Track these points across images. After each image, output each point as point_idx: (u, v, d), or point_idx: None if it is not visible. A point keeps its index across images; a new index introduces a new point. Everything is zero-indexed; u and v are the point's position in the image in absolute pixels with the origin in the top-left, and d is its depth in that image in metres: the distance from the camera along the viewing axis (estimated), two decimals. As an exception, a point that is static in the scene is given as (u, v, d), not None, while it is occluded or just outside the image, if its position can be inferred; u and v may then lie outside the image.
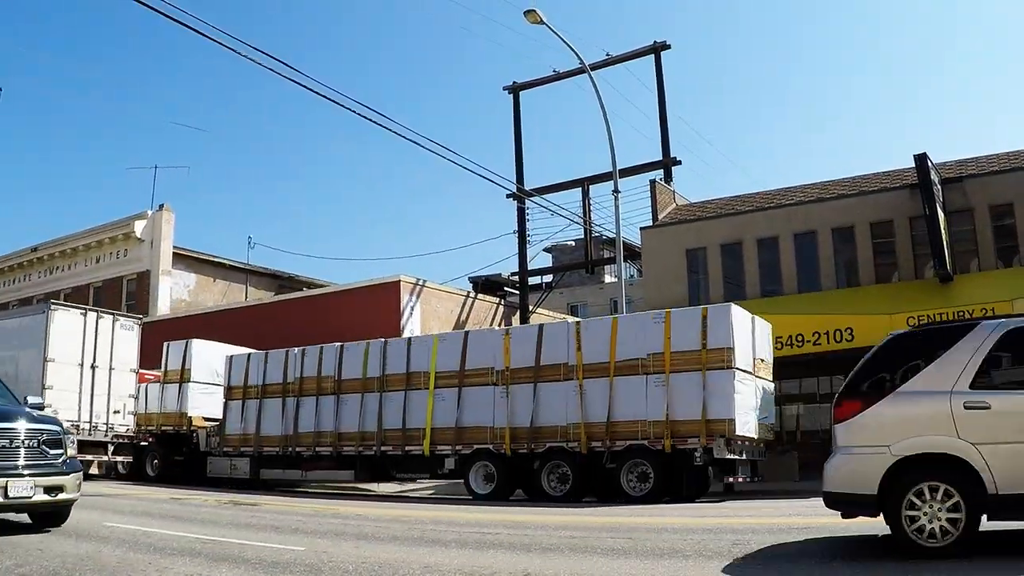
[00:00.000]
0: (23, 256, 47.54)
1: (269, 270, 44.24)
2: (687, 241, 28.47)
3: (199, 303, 39.96)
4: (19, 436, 10.35)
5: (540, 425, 18.37)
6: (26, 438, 10.37)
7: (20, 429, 10.44)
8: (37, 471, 10.28)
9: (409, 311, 29.58)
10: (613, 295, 49.59)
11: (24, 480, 10.09)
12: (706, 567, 7.84)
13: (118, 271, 41.72)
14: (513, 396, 18.76)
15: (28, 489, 10.08)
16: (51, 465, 10.53)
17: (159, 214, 40.29)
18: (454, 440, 19.32)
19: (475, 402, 19.32)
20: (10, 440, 10.26)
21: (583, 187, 33.34)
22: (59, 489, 10.50)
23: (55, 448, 10.70)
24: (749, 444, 17.32)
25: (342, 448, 21.18)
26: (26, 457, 10.30)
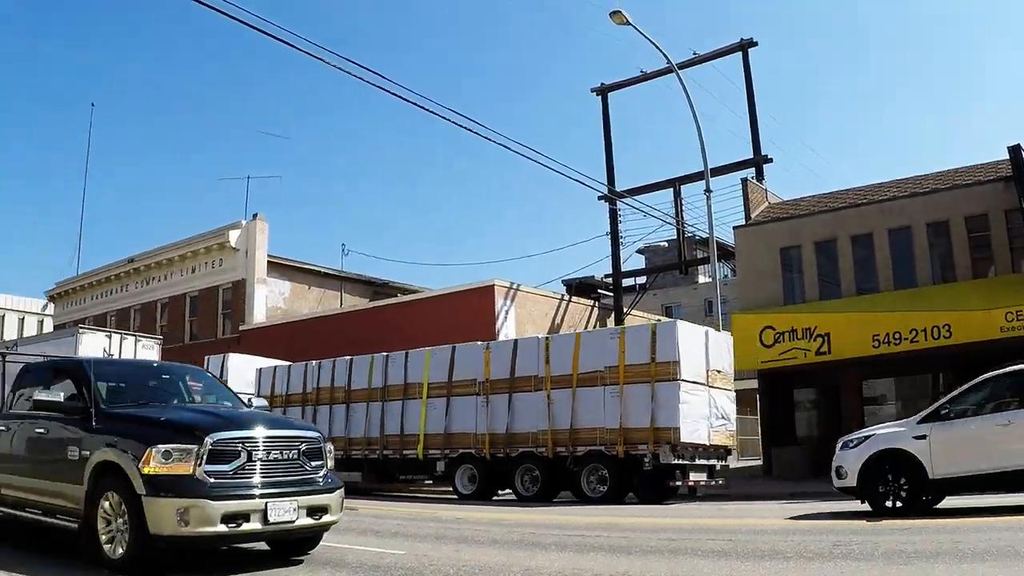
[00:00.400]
0: (119, 268, 50.81)
1: (363, 277, 46.48)
2: (781, 240, 29.65)
3: (295, 311, 42.28)
4: (298, 446, 9.15)
5: (514, 432, 21.43)
6: (284, 447, 8.99)
7: (298, 438, 9.24)
8: (299, 489, 8.86)
9: (504, 315, 31.26)
10: (707, 295, 50.74)
11: (286, 501, 8.62)
12: (807, 568, 8.42)
13: (214, 280, 44.39)
14: (492, 405, 21.95)
15: (291, 512, 8.63)
16: (312, 481, 9.12)
17: (253, 223, 42.77)
18: (443, 445, 22.70)
19: (461, 410, 22.57)
20: (294, 450, 9.06)
21: (674, 187, 34.63)
22: (323, 511, 9.10)
23: (315, 459, 9.30)
24: (702, 450, 19.86)
25: (351, 452, 24.61)
26: (287, 471, 8.93)
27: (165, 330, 46.44)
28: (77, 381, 9.86)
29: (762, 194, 32.49)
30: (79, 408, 9.35)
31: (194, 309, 45.70)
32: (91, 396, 9.45)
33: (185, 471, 8.15)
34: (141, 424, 8.87)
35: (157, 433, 8.42)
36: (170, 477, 8.09)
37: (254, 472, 8.56)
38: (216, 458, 8.31)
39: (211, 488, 8.12)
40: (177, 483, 8.08)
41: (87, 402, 9.39)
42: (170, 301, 47.05)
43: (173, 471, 8.12)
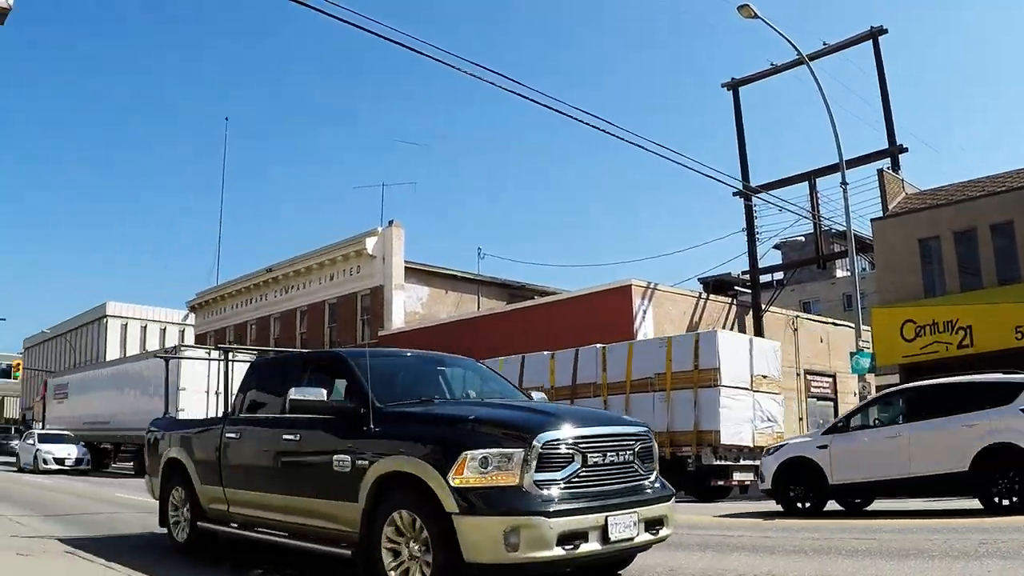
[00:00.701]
0: (259, 277, 54.21)
1: (500, 280, 48.49)
2: (919, 230, 30.36)
3: (433, 315, 44.52)
4: (632, 445, 7.79)
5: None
6: (619, 448, 7.61)
7: (631, 435, 7.88)
8: (636, 498, 7.53)
9: (642, 315, 32.47)
10: (845, 290, 51.10)
11: (626, 514, 7.28)
12: (951, 567, 8.54)
13: (352, 287, 47.06)
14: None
15: (631, 527, 7.29)
16: (646, 487, 7.79)
17: (389, 230, 45.18)
18: None
19: None
20: (627, 450, 7.70)
21: (810, 181, 35.42)
22: (659, 523, 7.77)
23: (647, 461, 7.96)
24: (747, 451, 21.77)
25: None
26: (622, 477, 7.57)
27: (305, 337, 49.43)
28: (340, 376, 8.85)
29: (899, 184, 33.20)
30: (348, 409, 8.21)
31: (333, 316, 48.32)
32: (364, 393, 8.16)
33: (510, 481, 6.82)
34: (440, 424, 7.67)
35: (467, 434, 7.14)
36: (491, 489, 6.78)
37: (589, 480, 7.20)
38: (545, 464, 6.96)
39: (544, 502, 6.80)
40: (501, 497, 6.75)
41: (360, 401, 8.16)
42: (309, 308, 49.98)
43: (495, 482, 6.81)
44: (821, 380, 38.33)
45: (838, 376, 38.22)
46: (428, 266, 46.56)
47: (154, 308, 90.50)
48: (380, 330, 44.06)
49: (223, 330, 59.10)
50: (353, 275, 47.04)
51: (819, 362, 38.35)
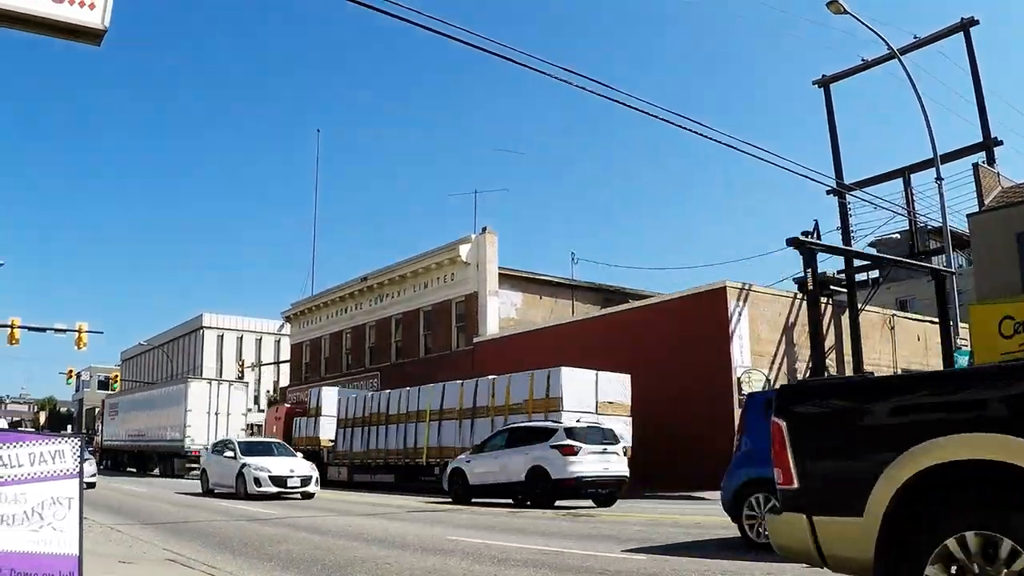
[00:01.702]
0: (354, 286, 56.24)
1: (594, 284, 49.57)
2: (1017, 224, 30.58)
3: (527, 320, 45.84)
4: None
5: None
6: None
7: None
8: None
9: (737, 316, 33.19)
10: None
11: None
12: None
13: (446, 295, 48.60)
14: (464, 428, 32.88)
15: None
16: None
17: (482, 237, 46.51)
18: (438, 455, 33.20)
19: (446, 430, 33.64)
20: None
21: (904, 177, 35.84)
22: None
23: None
24: None
25: (389, 460, 36.87)
26: None
27: (400, 345, 50.86)
28: None
29: (994, 178, 33.44)
30: None
31: (428, 323, 49.83)
32: None
33: None
34: None
35: None
36: None
37: None
38: None
39: None
40: None
41: None
42: (404, 317, 51.71)
43: None
44: (919, 379, 38.60)
45: (937, 375, 38.48)
46: (522, 272, 47.80)
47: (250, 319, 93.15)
48: (475, 337, 45.40)
49: (318, 340, 61.02)
50: (447, 282, 48.39)
51: (916, 361, 38.73)
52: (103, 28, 8.09)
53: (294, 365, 66.28)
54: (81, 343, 48.61)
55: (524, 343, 41.92)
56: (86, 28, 8.05)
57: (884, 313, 39.36)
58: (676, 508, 23.59)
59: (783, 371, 33.97)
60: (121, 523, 18.34)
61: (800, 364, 34.57)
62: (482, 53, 15.98)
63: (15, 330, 46.55)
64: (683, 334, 33.82)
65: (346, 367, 57.52)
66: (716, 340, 32.83)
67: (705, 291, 34.54)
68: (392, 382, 49.56)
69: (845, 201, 36.64)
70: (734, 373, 32.26)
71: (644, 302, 40.29)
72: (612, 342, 36.94)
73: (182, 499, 28.06)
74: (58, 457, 8.72)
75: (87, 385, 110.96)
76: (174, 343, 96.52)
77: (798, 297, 35.97)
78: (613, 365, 35.67)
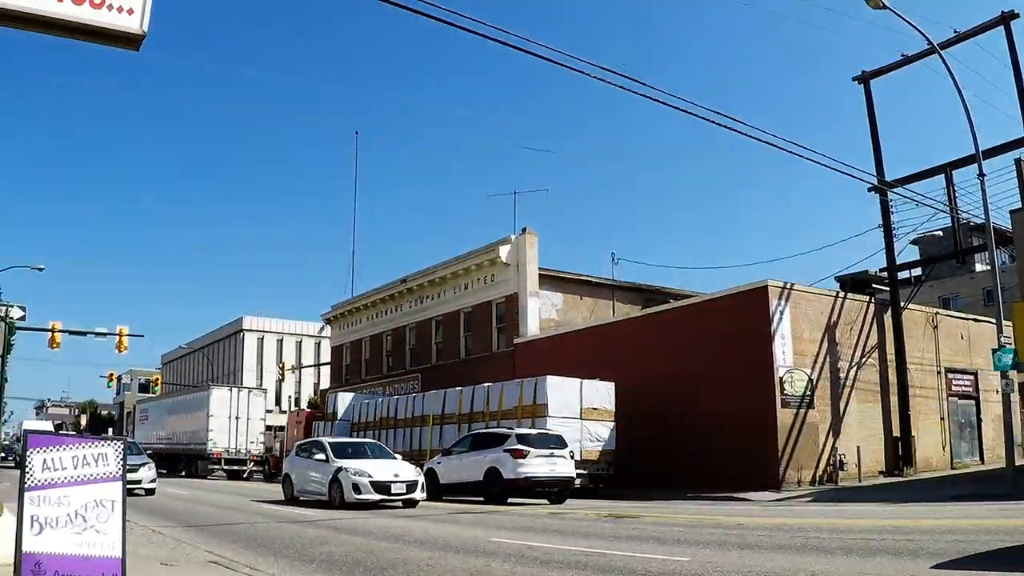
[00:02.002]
0: (394, 288, 56.67)
1: (634, 284, 49.71)
2: (1061, 221, 30.37)
3: (568, 321, 46.10)
4: None
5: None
6: None
7: None
8: None
9: (778, 316, 33.17)
10: (986, 284, 50.50)
11: None
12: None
13: (486, 296, 48.95)
14: (463, 431, 34.73)
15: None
16: None
17: (522, 237, 46.71)
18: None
19: (447, 434, 35.78)
20: None
21: (945, 173, 35.59)
22: None
23: None
24: (585, 464, 31.41)
25: None
26: None
27: (440, 347, 51.25)
28: None
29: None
30: None
31: (468, 325, 50.17)
32: None
33: None
34: None
35: None
36: None
37: None
38: None
39: None
40: None
41: None
42: (444, 318, 52.14)
43: None
44: (962, 378, 38.61)
45: (980, 373, 38.48)
46: (562, 272, 47.94)
47: (290, 321, 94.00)
48: (515, 338, 45.67)
49: (358, 342, 61.51)
50: (487, 284, 48.70)
51: (960, 360, 38.65)
52: (141, 33, 8.20)
53: (334, 368, 66.86)
54: (122, 346, 49.13)
55: (564, 344, 42.20)
56: (125, 33, 8.15)
57: (927, 311, 39.30)
58: (720, 509, 23.73)
59: (825, 371, 34.08)
60: (162, 525, 18.58)
61: (843, 363, 34.65)
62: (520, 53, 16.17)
63: (56, 334, 47.11)
64: (724, 334, 33.93)
65: (386, 369, 58.06)
66: (758, 340, 32.91)
67: (747, 290, 34.46)
68: (433, 384, 49.89)
69: (887, 199, 36.44)
70: (776, 373, 32.26)
71: (685, 302, 40.33)
72: (652, 342, 37.33)
73: (252, 506, 26.03)
74: (101, 460, 8.93)
75: (128, 388, 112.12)
76: (214, 346, 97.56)
77: (840, 296, 36.14)
78: (653, 365, 36.12)
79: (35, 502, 8.57)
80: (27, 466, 8.66)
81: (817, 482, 32.31)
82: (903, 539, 12.88)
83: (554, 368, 34.31)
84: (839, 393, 34.43)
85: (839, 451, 33.28)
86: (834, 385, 34.36)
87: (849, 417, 34.47)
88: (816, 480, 32.45)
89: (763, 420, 31.65)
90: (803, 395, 32.78)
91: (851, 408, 34.68)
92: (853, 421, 34.54)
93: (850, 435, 34.08)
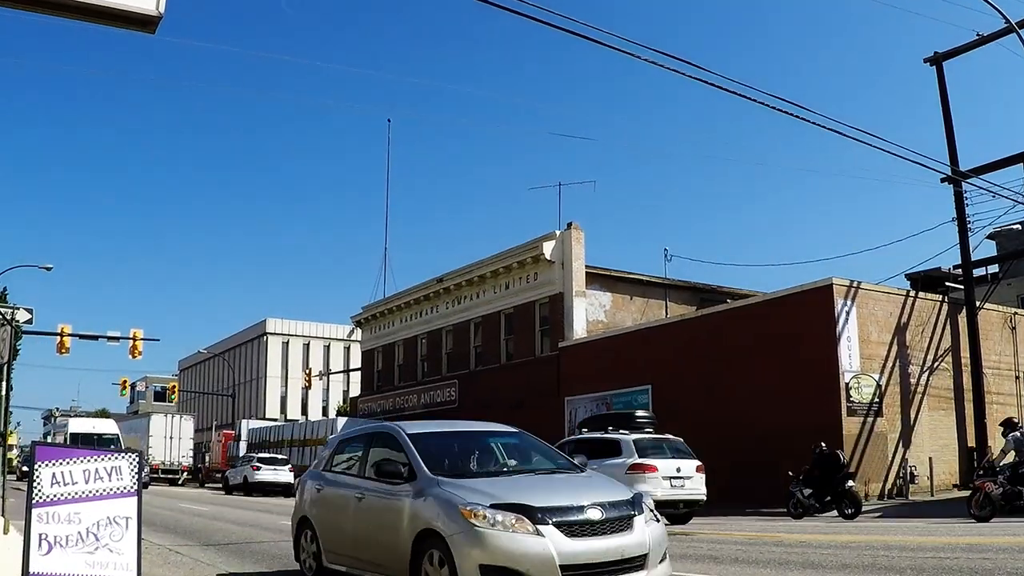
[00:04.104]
0: (429, 288, 57.41)
1: (688, 283, 49.98)
2: None
3: (617, 323, 46.79)
4: None
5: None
6: None
7: None
8: None
9: (844, 316, 33.39)
10: (1068, 281, 50.22)
11: None
12: None
13: (529, 296, 49.28)
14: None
15: None
16: None
17: (568, 233, 46.96)
18: None
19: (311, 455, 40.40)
20: None
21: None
22: None
23: None
24: None
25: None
26: None
27: (479, 351, 51.87)
28: None
29: (1122, 162, 33.18)
30: None
31: (510, 327, 50.71)
32: None
33: None
34: None
35: None
36: None
37: None
38: None
39: None
40: None
41: None
42: (484, 320, 52.84)
43: None
44: (1043, 382, 38.61)
45: (1062, 377, 38.42)
46: (611, 270, 48.19)
47: (317, 324, 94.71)
48: (560, 341, 46.21)
49: (391, 346, 62.28)
50: (530, 283, 48.95)
51: (1040, 362, 38.66)
52: (158, 15, 8.21)
53: (365, 374, 67.69)
54: (136, 352, 49.80)
55: (613, 347, 42.66)
56: (140, 15, 8.20)
57: (1005, 311, 39.34)
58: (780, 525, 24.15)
59: (895, 376, 34.36)
60: (179, 544, 18.92)
61: (913, 368, 34.96)
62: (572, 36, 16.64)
63: (65, 339, 47.75)
64: (786, 335, 34.20)
65: (422, 375, 58.84)
66: (822, 343, 33.15)
67: (810, 289, 34.49)
68: (472, 392, 50.67)
69: (961, 190, 36.43)
70: (842, 378, 32.52)
71: (743, 302, 40.45)
72: (708, 345, 37.54)
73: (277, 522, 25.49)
74: (115, 474, 8.94)
75: (142, 396, 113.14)
76: (235, 351, 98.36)
77: (911, 295, 36.36)
78: (708, 370, 36.43)
79: (43, 519, 8.56)
80: (35, 480, 8.68)
81: (886, 496, 32.62)
82: (978, 558, 12.88)
83: (601, 374, 34.89)
84: (909, 400, 34.63)
85: (909, 463, 33.51)
86: (904, 391, 34.57)
87: (920, 426, 34.66)
88: (884, 494, 32.76)
89: (827, 429, 31.30)
90: (871, 402, 32.99)
91: (922, 416, 34.86)
92: (924, 430, 34.73)
93: (921, 445, 34.25)
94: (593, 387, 42.76)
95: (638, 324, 45.06)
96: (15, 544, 10.74)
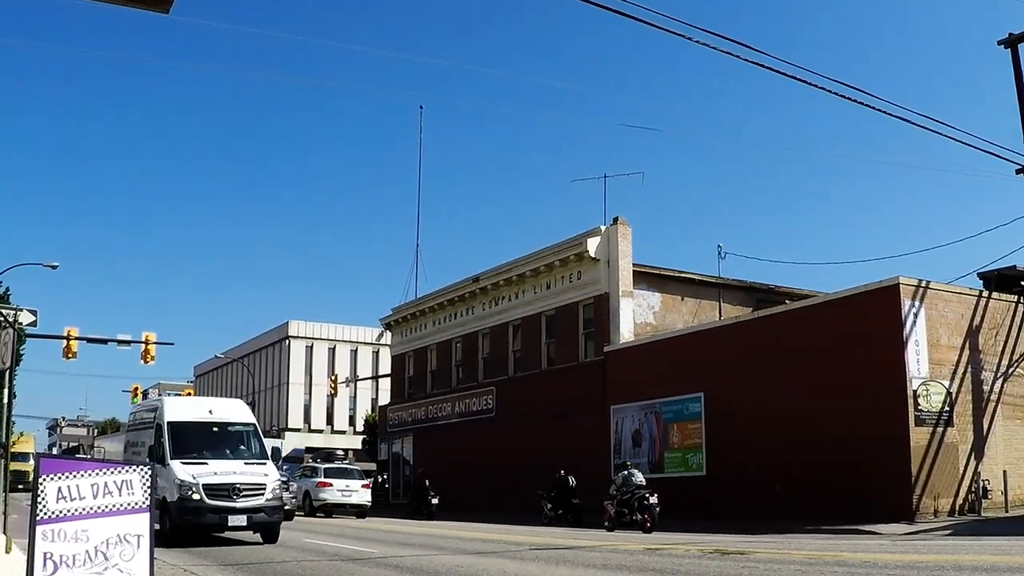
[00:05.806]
0: (464, 288, 57.56)
1: (744, 282, 49.93)
2: None
3: (667, 325, 46.95)
4: None
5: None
6: None
7: None
8: None
9: (912, 318, 33.18)
10: None
11: None
12: None
13: (572, 296, 49.23)
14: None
15: None
16: None
17: (613, 228, 46.90)
18: None
19: None
20: None
21: (1108, 152, 35.36)
22: None
23: None
24: None
25: None
26: None
27: (519, 356, 52.02)
28: None
29: None
30: None
31: (551, 331, 50.88)
32: None
33: None
34: None
35: None
36: None
37: None
38: None
39: None
40: None
41: None
42: (523, 323, 53.02)
43: None
44: None
45: None
46: (660, 269, 48.10)
47: (343, 327, 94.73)
48: (605, 345, 46.27)
49: (423, 350, 62.56)
50: (573, 282, 48.86)
51: None
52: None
53: (395, 380, 67.90)
54: (148, 356, 50.17)
55: (663, 351, 42.77)
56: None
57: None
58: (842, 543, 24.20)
59: (966, 383, 34.20)
60: (195, 563, 18.96)
61: (987, 374, 34.84)
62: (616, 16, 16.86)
63: (72, 342, 48.01)
64: (850, 338, 34.11)
65: (456, 382, 59.06)
66: (887, 346, 33.04)
67: (874, 289, 34.28)
68: (510, 401, 50.84)
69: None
70: (909, 385, 32.35)
71: (803, 303, 40.44)
72: (765, 349, 37.47)
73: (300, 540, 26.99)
74: (125, 488, 8.92)
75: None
76: (256, 355, 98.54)
77: (984, 295, 36.11)
78: (765, 375, 36.45)
79: (48, 537, 8.59)
80: (39, 495, 8.69)
81: (956, 512, 32.40)
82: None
83: (649, 380, 34.91)
84: (983, 409, 34.42)
85: (982, 476, 33.33)
86: (977, 399, 34.35)
87: (994, 437, 34.46)
88: (955, 510, 32.51)
89: (893, 440, 31.65)
90: (941, 411, 32.79)
91: (996, 426, 34.68)
92: (999, 441, 34.55)
93: (995, 458, 34.05)
94: (641, 395, 42.83)
95: (690, 326, 45.01)
96: (18, 564, 10.82)
